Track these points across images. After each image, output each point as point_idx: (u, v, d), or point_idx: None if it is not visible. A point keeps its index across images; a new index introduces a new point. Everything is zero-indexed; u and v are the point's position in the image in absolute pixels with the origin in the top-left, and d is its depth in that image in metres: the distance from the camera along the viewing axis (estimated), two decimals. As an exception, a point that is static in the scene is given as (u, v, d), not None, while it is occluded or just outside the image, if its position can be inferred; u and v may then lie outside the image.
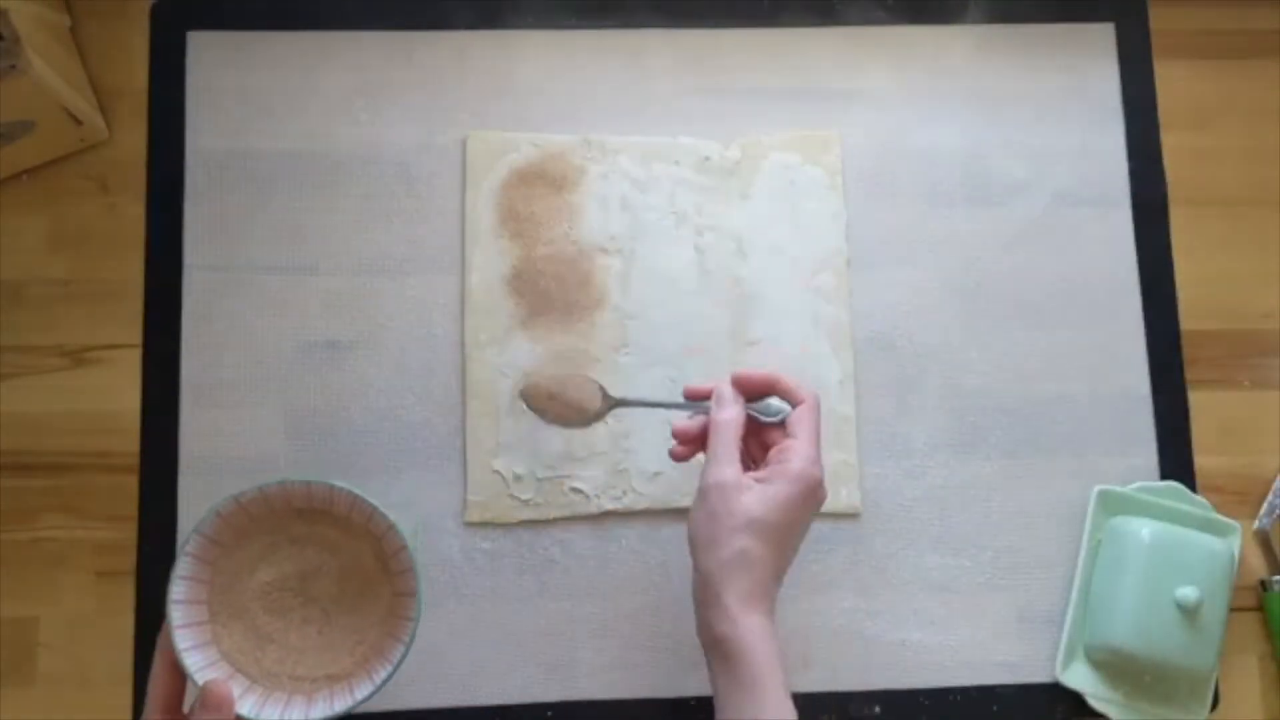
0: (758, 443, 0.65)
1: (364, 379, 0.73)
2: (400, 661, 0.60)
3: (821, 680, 0.70)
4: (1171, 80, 0.80)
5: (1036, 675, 0.72)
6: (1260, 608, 0.74)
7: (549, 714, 0.70)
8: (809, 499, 0.61)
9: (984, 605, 0.72)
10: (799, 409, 0.63)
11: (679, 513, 0.72)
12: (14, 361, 0.72)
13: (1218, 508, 0.73)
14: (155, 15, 0.76)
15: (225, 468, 0.71)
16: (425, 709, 0.69)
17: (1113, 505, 0.73)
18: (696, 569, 0.60)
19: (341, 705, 0.59)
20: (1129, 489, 0.73)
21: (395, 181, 0.75)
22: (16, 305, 0.73)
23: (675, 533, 0.72)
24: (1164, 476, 0.74)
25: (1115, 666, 0.70)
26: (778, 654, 0.58)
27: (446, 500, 0.71)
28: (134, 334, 0.73)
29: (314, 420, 0.72)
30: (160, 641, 0.59)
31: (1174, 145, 0.79)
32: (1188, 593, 0.67)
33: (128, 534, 0.71)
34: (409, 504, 0.71)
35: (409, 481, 0.71)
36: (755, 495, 0.59)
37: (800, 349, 0.74)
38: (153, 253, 0.74)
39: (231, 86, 0.76)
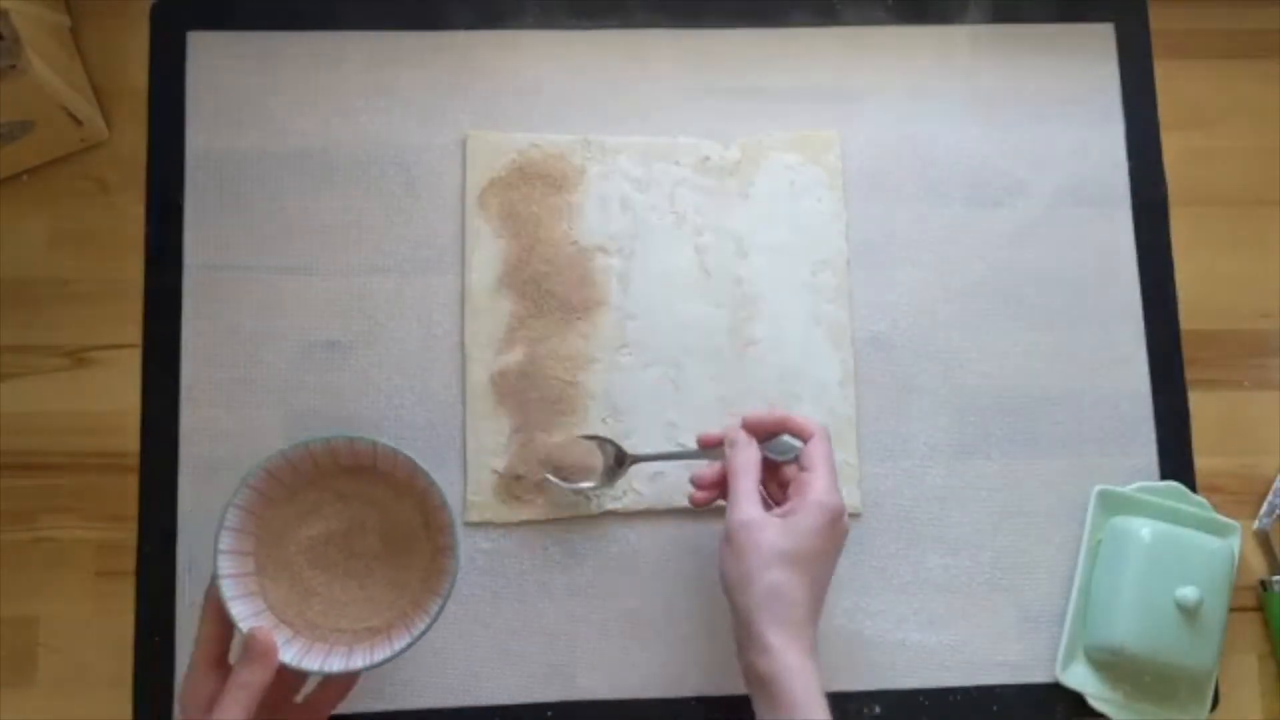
0: (775, 481, 0.67)
1: (364, 379, 0.73)
2: (437, 614, 0.60)
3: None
4: (1171, 80, 0.80)
5: (1036, 675, 0.72)
6: (1260, 608, 0.74)
7: (549, 714, 0.70)
8: (833, 527, 0.62)
9: (984, 605, 0.72)
10: (810, 443, 0.65)
11: (679, 513, 0.72)
12: (14, 361, 0.72)
13: (1218, 508, 0.73)
14: (155, 15, 0.76)
15: (225, 468, 0.71)
16: (425, 709, 0.69)
17: (1113, 505, 0.73)
18: (733, 609, 0.61)
19: (381, 655, 0.60)
20: (1129, 489, 0.73)
21: (395, 181, 0.75)
22: (16, 305, 0.73)
23: (675, 533, 0.72)
24: (1164, 476, 0.74)
25: (1115, 666, 0.70)
26: (819, 691, 0.58)
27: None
28: (134, 334, 0.73)
29: (314, 420, 0.72)
30: (207, 592, 0.60)
31: (1174, 145, 0.79)
32: (1188, 593, 0.67)
33: (128, 534, 0.71)
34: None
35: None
36: (780, 528, 0.61)
37: (800, 349, 0.74)
38: (153, 253, 0.74)
39: (231, 86, 0.76)
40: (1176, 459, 0.75)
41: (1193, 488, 0.74)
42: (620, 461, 0.70)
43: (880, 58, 0.79)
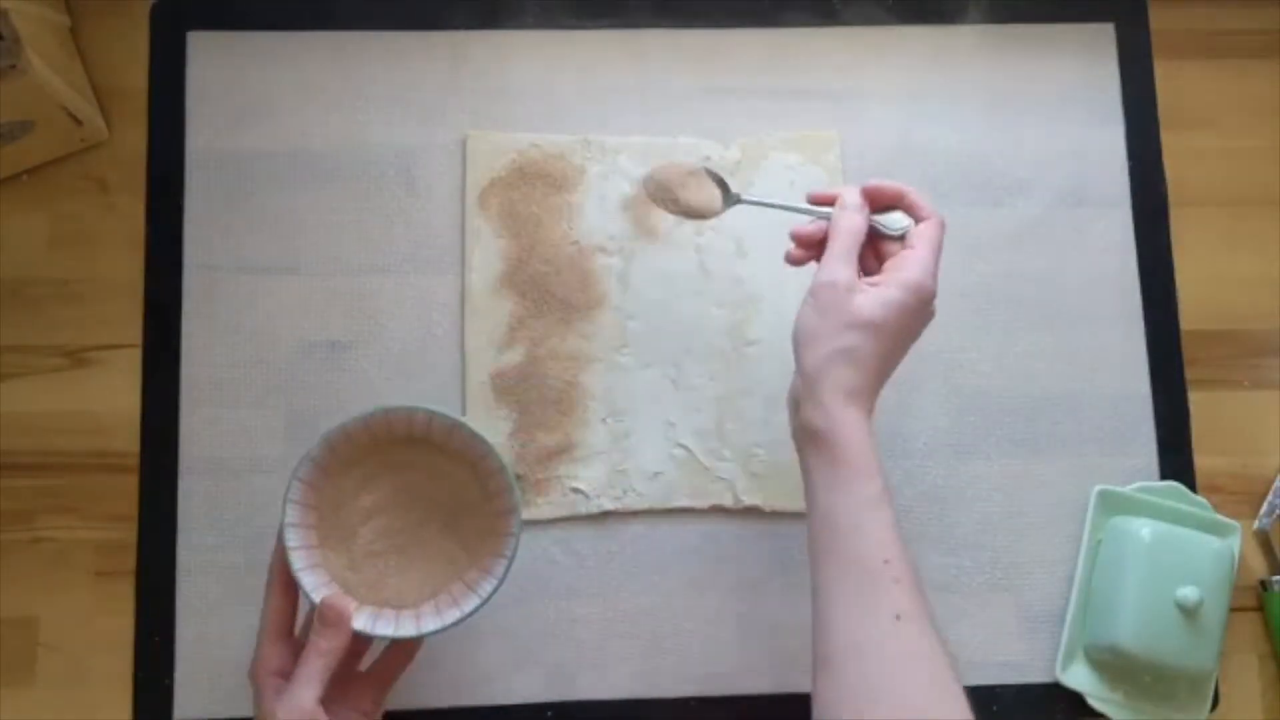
0: (875, 256, 0.64)
1: (364, 379, 0.73)
2: (504, 576, 0.61)
3: (821, 680, 0.70)
4: (1171, 80, 0.80)
5: (1036, 675, 0.72)
6: (1260, 608, 0.74)
7: (549, 714, 0.70)
8: (921, 309, 0.60)
9: (984, 605, 0.72)
10: (923, 224, 0.62)
11: (679, 513, 0.72)
12: (14, 361, 0.72)
13: (1218, 508, 0.73)
14: (155, 15, 0.76)
15: (225, 468, 0.71)
16: (425, 709, 0.69)
17: (1113, 505, 0.73)
18: (798, 365, 0.60)
19: (451, 618, 0.60)
20: (1129, 489, 0.73)
21: (395, 181, 0.75)
22: (16, 305, 0.73)
23: (675, 532, 0.72)
24: (1164, 476, 0.74)
25: (1115, 666, 0.70)
26: (874, 448, 0.57)
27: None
28: (134, 334, 0.73)
29: (314, 420, 0.72)
30: (273, 566, 0.60)
31: (1174, 145, 0.79)
32: (1188, 593, 0.67)
33: (128, 534, 0.71)
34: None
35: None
36: (868, 296, 0.59)
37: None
38: (153, 253, 0.74)
39: (231, 86, 0.76)
40: (1176, 459, 0.75)
41: (1193, 488, 0.74)
42: (727, 199, 0.68)
43: (880, 58, 0.79)
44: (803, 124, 0.77)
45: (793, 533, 0.72)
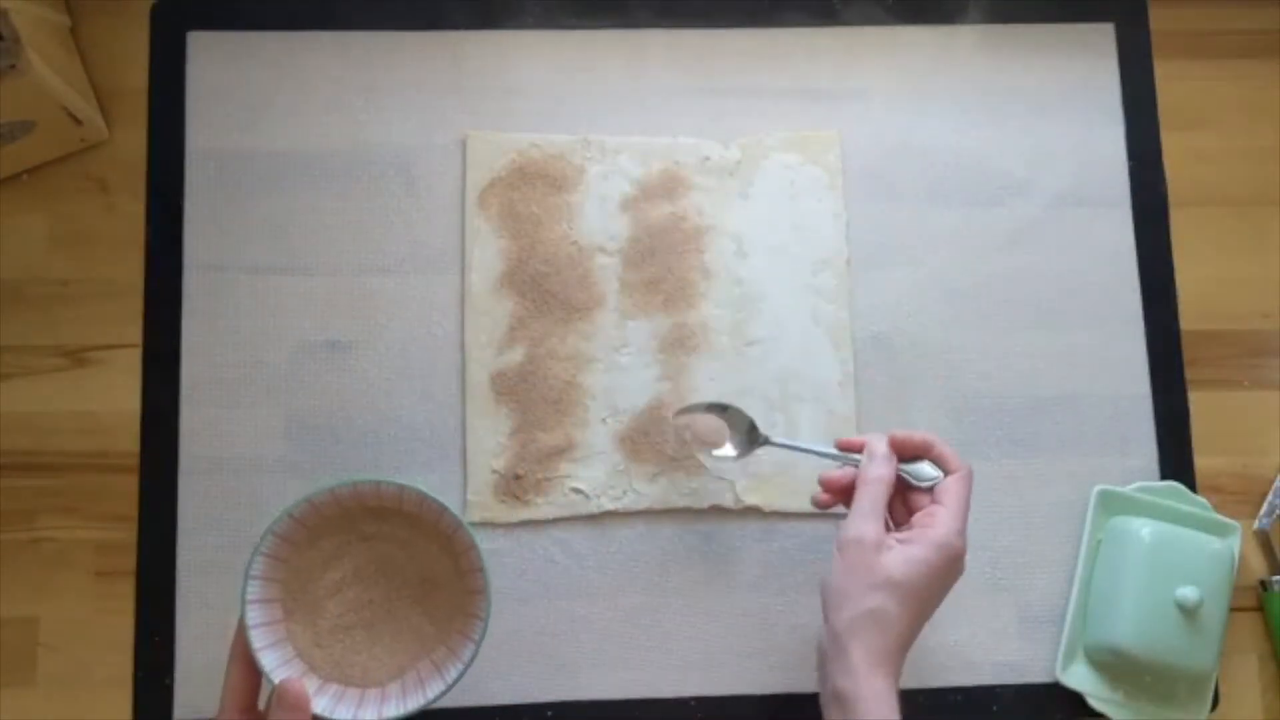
0: (903, 506, 0.65)
1: (364, 379, 0.73)
2: (471, 660, 0.60)
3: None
4: (1171, 80, 0.80)
5: (1036, 675, 0.72)
6: (1260, 608, 0.74)
7: (549, 714, 0.70)
8: (950, 569, 0.61)
9: (984, 605, 0.72)
10: (950, 478, 0.63)
11: (679, 513, 0.72)
12: (14, 361, 0.72)
13: (1218, 508, 0.73)
14: (155, 15, 0.76)
15: (225, 468, 0.71)
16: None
17: (1113, 505, 0.73)
18: (827, 623, 0.60)
19: (414, 703, 0.60)
20: (1129, 489, 0.73)
21: (395, 181, 0.75)
22: (16, 305, 0.73)
23: (675, 532, 0.72)
24: (1164, 476, 0.74)
25: (1115, 666, 0.70)
26: (897, 714, 0.57)
27: (447, 500, 0.71)
28: (134, 334, 0.73)
29: (314, 420, 0.72)
30: (235, 641, 0.59)
31: (1174, 145, 0.79)
32: (1188, 593, 0.67)
33: (128, 534, 0.71)
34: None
35: (409, 481, 0.71)
36: (896, 556, 0.59)
37: (800, 349, 0.74)
38: (153, 253, 0.74)
39: (231, 86, 0.76)
40: (1176, 459, 0.75)
41: (1193, 488, 0.74)
42: (753, 439, 0.69)
43: (880, 58, 0.79)
44: (803, 124, 0.77)
45: (793, 533, 0.72)
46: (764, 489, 0.72)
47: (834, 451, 0.66)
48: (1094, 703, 0.71)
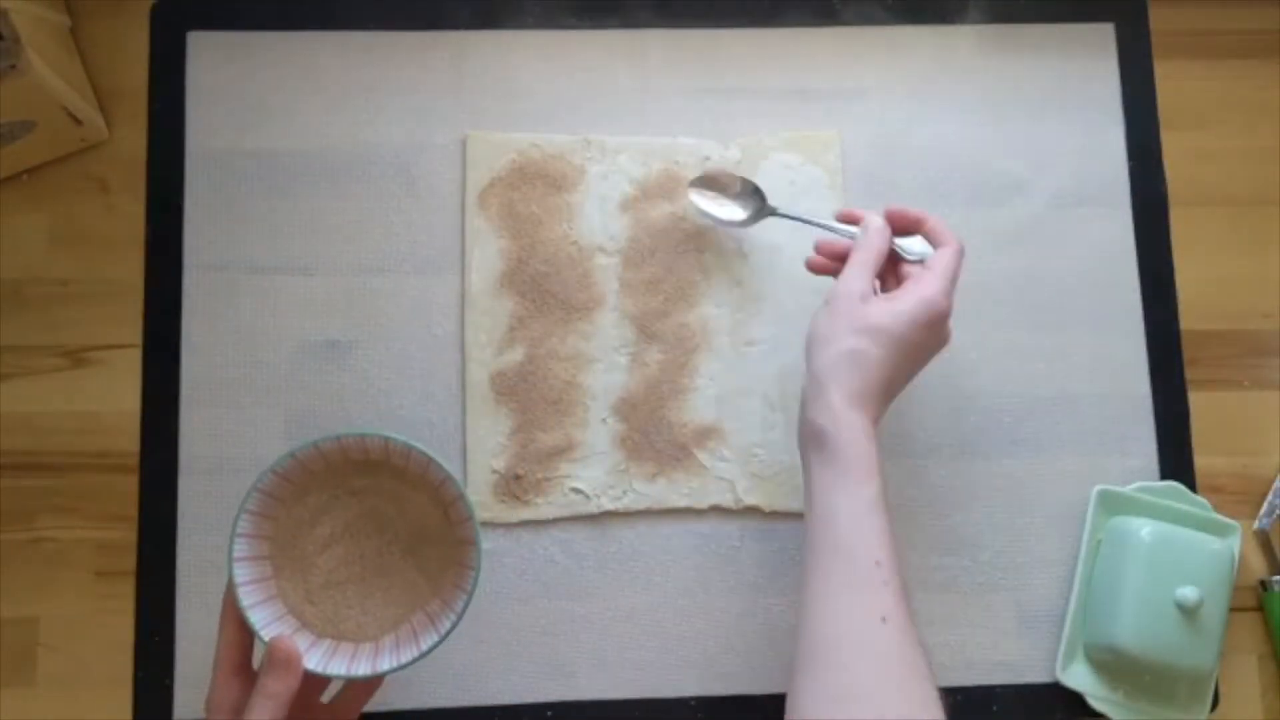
0: (894, 278, 0.66)
1: (364, 379, 0.73)
2: (463, 611, 0.60)
3: (821, 680, 0.70)
4: (1171, 80, 0.80)
5: (1036, 675, 0.72)
6: (1260, 608, 0.74)
7: (549, 714, 0.70)
8: (932, 325, 0.62)
9: (984, 605, 0.72)
10: (941, 250, 0.65)
11: (679, 513, 0.72)
12: (14, 361, 0.72)
13: (1218, 508, 0.73)
14: (155, 15, 0.76)
15: (225, 468, 0.71)
16: (425, 709, 0.69)
17: (1113, 505, 0.73)
18: (808, 365, 0.62)
19: (408, 655, 0.59)
20: (1129, 489, 0.73)
21: (395, 181, 0.75)
22: (16, 305, 0.73)
23: (675, 532, 0.72)
24: (1164, 476, 0.74)
25: (1115, 666, 0.70)
26: (876, 453, 0.59)
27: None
28: (134, 334, 0.73)
29: (314, 420, 0.72)
30: (224, 601, 0.59)
31: (1174, 145, 0.79)
32: (1188, 593, 0.67)
33: (128, 534, 0.71)
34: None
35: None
36: (880, 306, 0.61)
37: (801, 349, 0.74)
38: (153, 253, 0.74)
39: (231, 86, 0.76)
40: (1176, 459, 0.75)
41: (1193, 488, 0.74)
42: (761, 209, 0.72)
43: (880, 58, 0.79)
44: (803, 124, 0.77)
45: (793, 533, 0.72)
46: (764, 489, 0.72)
47: (836, 225, 0.69)
48: (1094, 703, 0.71)
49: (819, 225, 0.70)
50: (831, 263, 0.68)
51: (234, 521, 0.59)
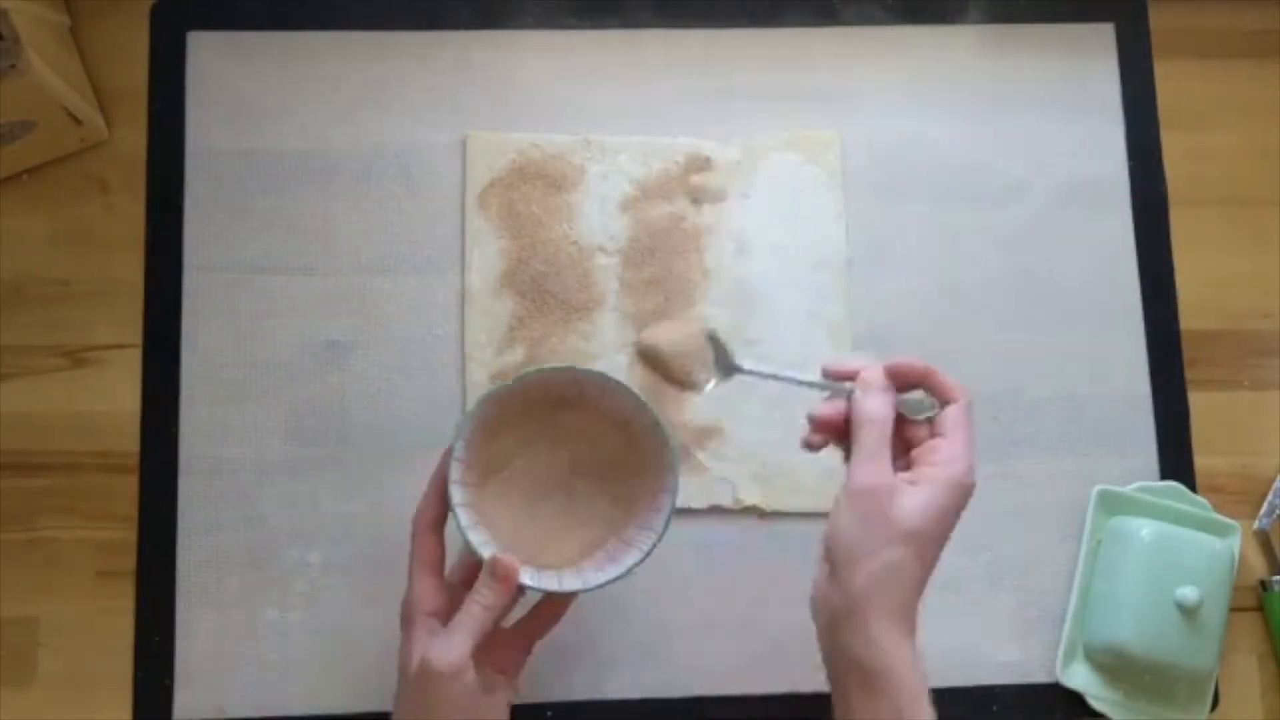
0: (898, 439, 0.59)
1: (364, 379, 0.73)
2: (663, 530, 0.61)
3: (822, 680, 0.70)
4: (1171, 80, 0.80)
5: (1036, 675, 0.72)
6: (1260, 608, 0.74)
7: (549, 714, 0.70)
8: (963, 507, 0.56)
9: (984, 605, 0.72)
10: (952, 407, 0.58)
11: (679, 513, 0.71)
12: (14, 361, 0.72)
13: (1218, 508, 0.73)
14: (155, 15, 0.76)
15: (225, 468, 0.71)
16: (425, 709, 0.69)
17: (1113, 505, 0.73)
18: (840, 582, 0.55)
19: (615, 571, 0.60)
20: (1129, 489, 0.73)
21: (395, 181, 0.75)
22: (16, 305, 0.73)
23: (675, 532, 0.72)
24: (1164, 476, 0.74)
25: (1115, 666, 0.70)
26: (924, 677, 0.54)
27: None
28: (134, 334, 0.73)
29: (314, 420, 0.72)
30: (420, 511, 0.61)
31: (1174, 145, 0.79)
32: (1188, 593, 0.67)
33: (128, 534, 0.71)
34: (409, 504, 0.71)
35: (409, 481, 0.71)
36: (912, 502, 0.55)
37: (800, 348, 0.74)
38: (153, 253, 0.74)
39: (231, 86, 0.76)
40: (1176, 459, 0.75)
41: (1193, 488, 0.74)
42: (727, 370, 0.64)
43: (880, 58, 0.79)
44: (803, 124, 0.77)
45: (793, 533, 0.72)
46: (764, 489, 0.72)
47: (821, 381, 0.61)
48: (1094, 703, 0.71)
49: (802, 383, 0.62)
50: (829, 437, 0.60)
51: (450, 447, 0.60)
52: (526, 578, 0.59)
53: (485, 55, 0.77)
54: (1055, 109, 0.79)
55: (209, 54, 0.76)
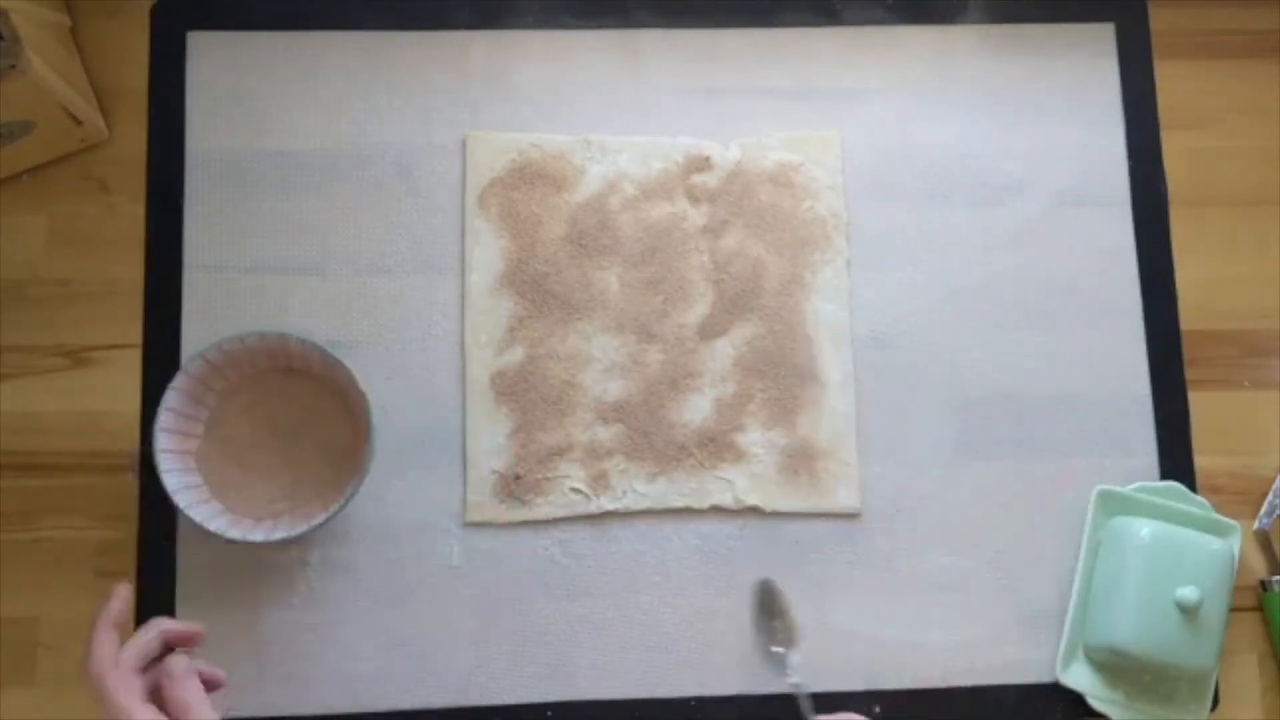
0: None
1: (364, 379, 0.72)
2: (352, 494, 0.66)
3: (822, 680, 0.70)
4: (1171, 80, 0.80)
5: (1036, 675, 0.72)
6: (1260, 608, 0.74)
7: (549, 714, 0.70)
8: None
9: (984, 605, 0.72)
10: None
11: (679, 513, 0.72)
12: (14, 361, 0.72)
13: (1218, 508, 0.73)
14: (155, 15, 0.76)
15: (225, 468, 0.71)
16: (425, 709, 0.69)
17: (1113, 505, 0.73)
18: None
19: (300, 529, 0.66)
20: (1129, 489, 0.73)
21: (395, 181, 0.75)
22: (16, 305, 0.73)
23: (675, 532, 0.72)
24: (1164, 476, 0.74)
25: (1115, 666, 0.70)
26: None
27: (446, 500, 0.71)
28: (134, 334, 0.73)
29: (314, 420, 0.72)
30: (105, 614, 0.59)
31: (1174, 145, 0.79)
32: (1188, 593, 0.67)
33: (128, 534, 0.71)
34: (409, 504, 0.71)
35: (409, 481, 0.71)
36: None
37: (800, 349, 0.74)
38: (153, 253, 0.74)
39: (231, 86, 0.76)
40: (1176, 459, 0.75)
41: (1193, 488, 0.74)
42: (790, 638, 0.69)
43: (880, 58, 0.79)
44: (803, 124, 0.77)
45: (793, 533, 0.72)
46: (764, 489, 0.72)
47: None
48: (1094, 703, 0.71)
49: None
50: None
51: (160, 398, 0.65)
52: (215, 525, 0.65)
53: (485, 55, 0.77)
54: (1055, 109, 0.79)
55: (209, 54, 0.76)
